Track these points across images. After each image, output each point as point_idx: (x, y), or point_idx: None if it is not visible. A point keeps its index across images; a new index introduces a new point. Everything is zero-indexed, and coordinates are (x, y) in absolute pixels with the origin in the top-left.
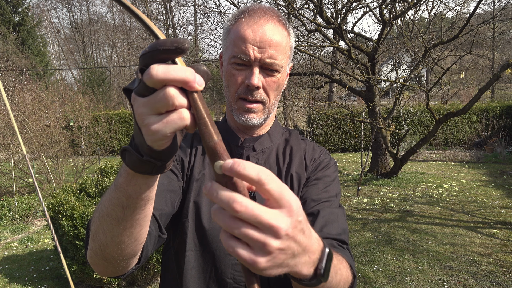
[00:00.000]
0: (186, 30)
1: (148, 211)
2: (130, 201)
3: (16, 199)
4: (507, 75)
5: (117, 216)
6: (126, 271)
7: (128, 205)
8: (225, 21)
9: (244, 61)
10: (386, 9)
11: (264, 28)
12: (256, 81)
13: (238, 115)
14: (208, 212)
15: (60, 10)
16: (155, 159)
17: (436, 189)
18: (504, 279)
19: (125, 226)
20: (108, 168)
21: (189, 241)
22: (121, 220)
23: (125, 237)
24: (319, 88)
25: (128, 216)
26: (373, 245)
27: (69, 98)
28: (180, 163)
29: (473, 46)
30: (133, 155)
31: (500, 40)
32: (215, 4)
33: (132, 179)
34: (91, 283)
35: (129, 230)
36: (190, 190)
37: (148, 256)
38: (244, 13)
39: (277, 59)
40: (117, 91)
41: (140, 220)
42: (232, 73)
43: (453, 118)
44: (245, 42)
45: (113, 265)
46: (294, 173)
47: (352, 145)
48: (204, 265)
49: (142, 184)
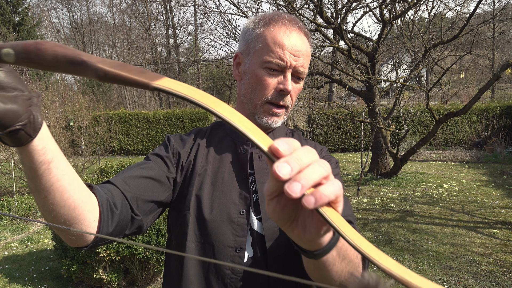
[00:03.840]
0: (186, 30)
1: (53, 180)
2: (30, 172)
3: (16, 199)
4: (507, 75)
5: (31, 187)
6: (85, 242)
7: (31, 176)
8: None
9: (280, 67)
10: (386, 9)
11: (298, 37)
12: (290, 86)
13: (262, 118)
14: (209, 205)
15: (60, 10)
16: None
17: (436, 189)
18: (504, 279)
19: (43, 195)
20: (108, 168)
21: (190, 232)
22: (35, 190)
23: (49, 205)
24: (319, 88)
25: (38, 185)
26: (373, 245)
27: (69, 98)
28: (176, 156)
29: (473, 46)
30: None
31: (500, 40)
32: (215, 4)
33: (18, 154)
34: (91, 283)
35: (48, 198)
36: (192, 184)
37: (107, 231)
38: (273, 20)
39: (306, 68)
40: (117, 91)
41: (51, 187)
42: (264, 77)
43: (453, 118)
44: (283, 48)
45: (65, 233)
46: None
47: (352, 145)
48: (204, 256)
49: (23, 156)
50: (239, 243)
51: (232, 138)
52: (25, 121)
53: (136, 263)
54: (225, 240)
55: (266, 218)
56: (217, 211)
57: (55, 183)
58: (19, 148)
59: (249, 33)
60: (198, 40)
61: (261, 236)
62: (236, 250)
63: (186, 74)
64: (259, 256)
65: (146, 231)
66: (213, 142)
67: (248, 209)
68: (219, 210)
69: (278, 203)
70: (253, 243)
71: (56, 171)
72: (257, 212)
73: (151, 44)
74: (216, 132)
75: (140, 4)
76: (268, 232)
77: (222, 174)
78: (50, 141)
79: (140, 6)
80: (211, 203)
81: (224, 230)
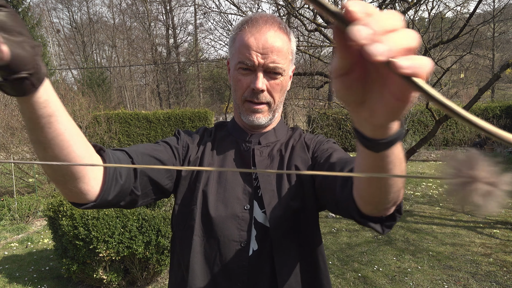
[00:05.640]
0: (186, 30)
1: (54, 134)
2: (30, 124)
3: (16, 199)
4: (507, 75)
5: (32, 139)
6: (82, 201)
7: (31, 128)
8: (225, 21)
9: (249, 66)
10: (386, 9)
11: (266, 35)
12: (260, 85)
13: (246, 116)
14: (214, 201)
15: (60, 10)
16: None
17: (436, 189)
18: (504, 279)
19: (42, 147)
20: None
21: (196, 226)
22: (35, 142)
23: (49, 159)
24: (319, 88)
25: (37, 137)
26: (373, 245)
27: (69, 98)
28: (185, 149)
29: (473, 46)
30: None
31: (500, 40)
32: (215, 4)
33: (19, 104)
34: (91, 283)
35: (48, 151)
36: (199, 180)
37: (107, 199)
38: (247, 23)
39: (280, 63)
40: (117, 91)
41: (52, 141)
42: (238, 78)
43: (453, 118)
44: (249, 49)
45: (63, 187)
46: (298, 162)
47: (352, 145)
48: (210, 250)
49: (23, 107)
50: (244, 237)
51: (234, 136)
52: (31, 70)
53: (136, 263)
54: (230, 235)
55: (270, 209)
56: (222, 206)
57: (55, 137)
58: (20, 98)
59: (231, 39)
60: (198, 40)
61: (265, 228)
62: (241, 244)
63: (186, 74)
64: (264, 248)
65: (134, 208)
66: (218, 141)
67: (252, 204)
68: (224, 205)
69: (343, 83)
70: (257, 237)
71: (57, 125)
72: (261, 206)
73: (151, 44)
74: (220, 131)
75: (140, 4)
76: (272, 222)
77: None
78: (52, 94)
79: (140, 6)
80: (217, 199)
81: (229, 225)
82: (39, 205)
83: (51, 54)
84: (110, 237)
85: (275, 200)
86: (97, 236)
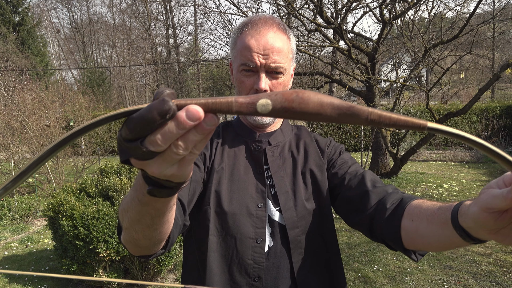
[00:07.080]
0: (186, 30)
1: (174, 210)
2: (158, 212)
3: (16, 199)
4: (507, 75)
5: (147, 222)
6: (155, 254)
7: (157, 215)
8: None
9: (251, 67)
10: (386, 9)
11: (266, 36)
12: (263, 85)
13: (251, 116)
14: (228, 199)
15: (60, 10)
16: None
17: (436, 189)
18: (504, 279)
19: (155, 228)
20: (108, 168)
21: (212, 226)
22: (151, 224)
23: (156, 234)
24: (319, 88)
25: (157, 221)
26: (373, 245)
27: (69, 98)
28: (202, 157)
29: (473, 46)
30: (163, 192)
31: (500, 40)
32: (215, 4)
33: (153, 202)
34: (91, 283)
35: (159, 229)
36: (211, 181)
37: (174, 242)
38: (247, 25)
39: (281, 63)
40: (117, 91)
41: (168, 219)
42: (241, 79)
43: (453, 118)
44: (250, 51)
45: (143, 251)
46: (313, 166)
47: (352, 145)
48: (226, 248)
49: (159, 203)
50: (259, 234)
51: (242, 137)
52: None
53: (136, 263)
54: (246, 232)
55: (286, 209)
56: (236, 204)
57: (170, 218)
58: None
59: (232, 41)
60: (198, 40)
61: (282, 226)
62: (257, 241)
63: (186, 74)
64: (279, 245)
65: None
66: (226, 141)
67: (265, 202)
68: (238, 203)
69: (493, 217)
70: (272, 234)
71: (175, 207)
72: (276, 204)
73: (151, 44)
74: (227, 131)
75: (140, 4)
76: (289, 222)
77: (238, 169)
78: None
79: (140, 6)
80: (230, 197)
81: (244, 223)
82: (39, 205)
83: (51, 54)
84: (110, 237)
85: (290, 200)
86: (97, 236)
